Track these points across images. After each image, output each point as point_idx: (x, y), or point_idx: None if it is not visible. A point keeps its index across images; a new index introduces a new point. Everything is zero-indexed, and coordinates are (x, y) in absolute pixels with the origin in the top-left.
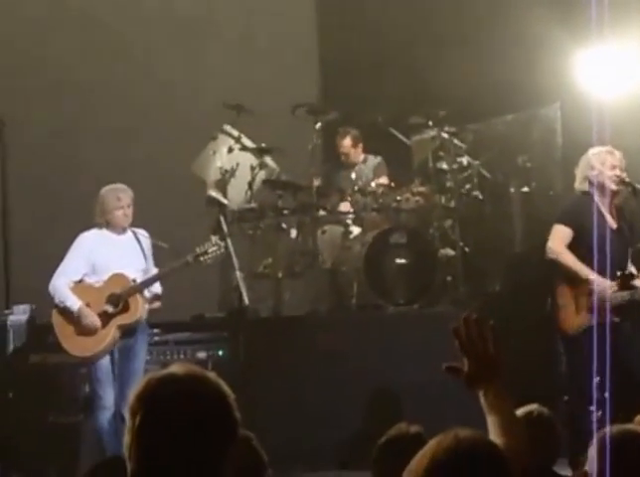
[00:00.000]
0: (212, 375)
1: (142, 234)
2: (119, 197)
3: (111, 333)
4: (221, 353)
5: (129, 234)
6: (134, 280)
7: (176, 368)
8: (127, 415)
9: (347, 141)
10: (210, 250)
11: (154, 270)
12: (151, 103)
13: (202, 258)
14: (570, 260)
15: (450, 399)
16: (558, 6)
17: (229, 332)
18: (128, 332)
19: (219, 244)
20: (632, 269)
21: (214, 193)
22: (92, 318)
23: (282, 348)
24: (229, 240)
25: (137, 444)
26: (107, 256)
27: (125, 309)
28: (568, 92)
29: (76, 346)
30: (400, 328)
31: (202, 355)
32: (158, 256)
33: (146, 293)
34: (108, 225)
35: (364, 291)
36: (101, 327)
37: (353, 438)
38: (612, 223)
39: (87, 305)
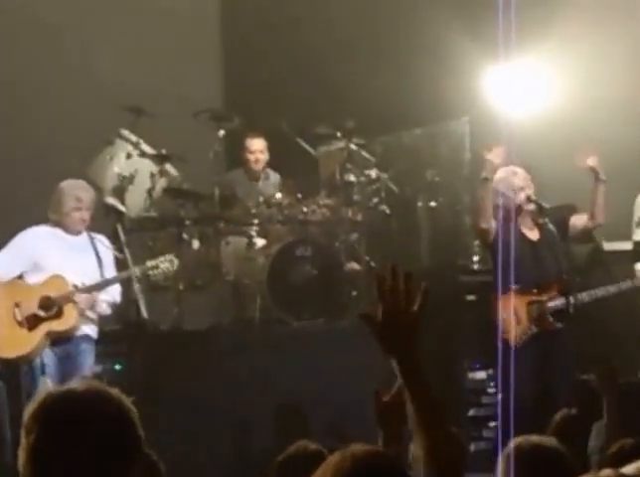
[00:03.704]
0: (114, 391)
1: (101, 240)
2: (79, 197)
3: (37, 338)
4: (117, 367)
5: (84, 236)
6: (75, 286)
7: (76, 384)
8: (22, 432)
9: (259, 142)
10: (162, 265)
11: (113, 288)
12: (46, 105)
13: (151, 273)
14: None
15: (353, 414)
16: (468, 23)
17: (126, 345)
18: (66, 341)
19: (172, 261)
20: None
21: (111, 200)
22: None
23: (181, 362)
24: (126, 251)
25: (32, 464)
26: (55, 257)
27: (58, 315)
28: (477, 108)
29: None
30: (304, 342)
31: (97, 368)
32: None
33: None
34: (61, 224)
35: (267, 305)
36: (28, 330)
37: (254, 454)
38: (532, 235)
39: (17, 305)
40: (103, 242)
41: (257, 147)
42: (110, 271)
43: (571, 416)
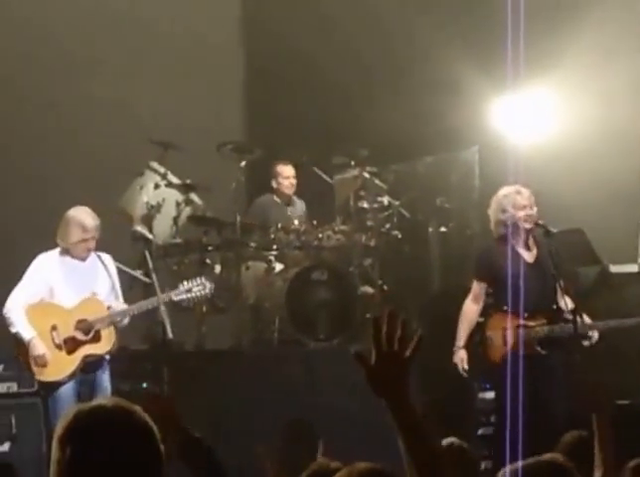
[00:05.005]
0: (137, 408)
1: (107, 258)
2: (85, 226)
3: (77, 362)
4: (144, 385)
5: (93, 258)
6: (109, 307)
7: (104, 400)
8: (55, 446)
9: (290, 169)
10: (195, 289)
11: (119, 300)
12: (79, 140)
13: (185, 296)
14: (460, 325)
15: (368, 434)
16: (477, 54)
17: (152, 365)
18: (93, 364)
19: (204, 284)
20: (561, 304)
21: (140, 228)
22: (41, 352)
23: (204, 380)
24: (154, 275)
25: (69, 475)
26: (67, 283)
27: (96, 339)
28: (486, 137)
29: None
30: (320, 363)
31: (125, 387)
32: None
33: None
34: (68, 251)
35: (285, 326)
36: (67, 353)
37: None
38: (529, 257)
39: (53, 327)
40: (108, 259)
41: (290, 173)
42: (118, 286)
43: (582, 438)
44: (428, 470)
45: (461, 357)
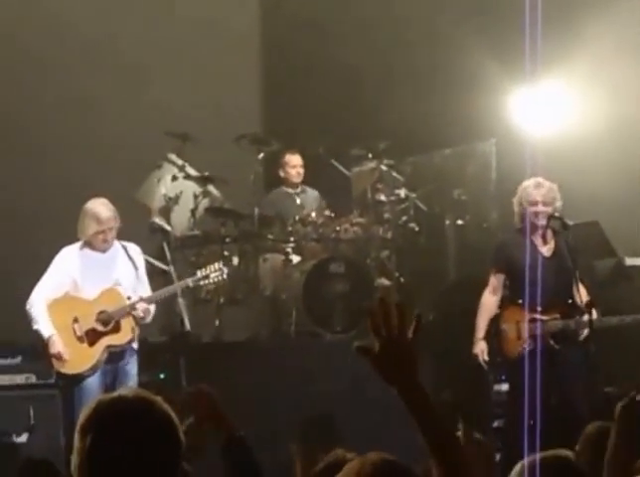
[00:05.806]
0: (158, 399)
1: (134, 249)
2: (100, 219)
3: (98, 354)
4: (162, 376)
5: (116, 248)
6: (129, 298)
7: (125, 391)
8: (76, 436)
9: (297, 158)
10: (212, 275)
11: (145, 290)
12: (98, 133)
13: (202, 282)
14: (479, 317)
15: (385, 425)
16: (494, 46)
17: (170, 356)
18: (117, 355)
19: (221, 269)
20: (576, 298)
21: (157, 220)
22: (59, 349)
23: (221, 372)
24: (171, 267)
25: (88, 464)
26: (87, 276)
27: (116, 329)
28: (503, 129)
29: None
30: (337, 354)
31: (144, 377)
32: None
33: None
34: (89, 244)
35: (302, 318)
36: (89, 345)
37: (286, 463)
38: (545, 251)
39: (75, 320)
40: (135, 250)
41: (298, 162)
42: (144, 277)
43: (605, 430)
44: (446, 452)
45: (482, 348)
